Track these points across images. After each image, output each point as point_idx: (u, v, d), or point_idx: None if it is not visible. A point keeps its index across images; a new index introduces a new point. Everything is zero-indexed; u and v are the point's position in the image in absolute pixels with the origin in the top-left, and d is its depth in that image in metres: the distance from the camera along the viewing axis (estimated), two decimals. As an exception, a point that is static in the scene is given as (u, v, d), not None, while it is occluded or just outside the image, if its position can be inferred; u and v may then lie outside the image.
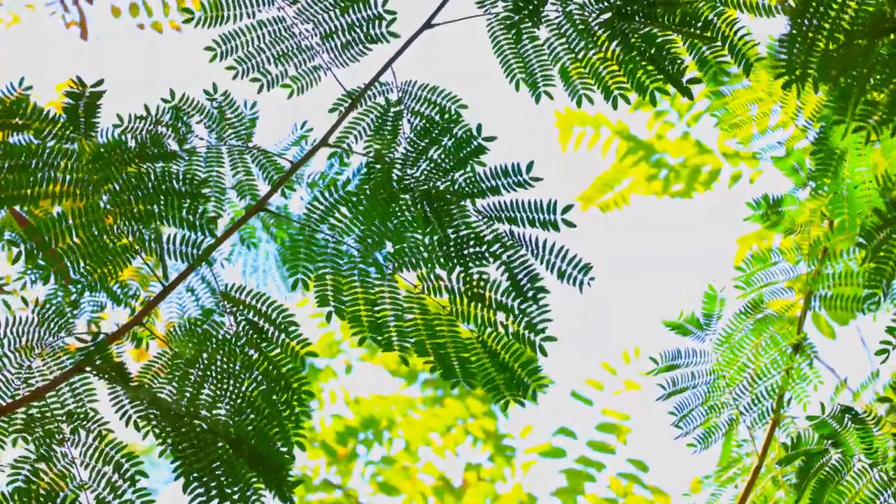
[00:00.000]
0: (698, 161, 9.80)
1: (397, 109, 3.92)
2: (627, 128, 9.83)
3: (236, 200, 4.02)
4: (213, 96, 4.00)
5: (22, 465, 3.62)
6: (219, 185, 3.97)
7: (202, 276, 3.97)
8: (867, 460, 4.36)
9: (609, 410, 9.89)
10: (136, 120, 3.81)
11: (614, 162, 9.82)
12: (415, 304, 3.74)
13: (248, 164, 4.00)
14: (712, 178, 9.79)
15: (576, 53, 3.91)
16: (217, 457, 3.53)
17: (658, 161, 9.80)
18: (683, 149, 9.79)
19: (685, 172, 9.78)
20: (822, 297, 4.84)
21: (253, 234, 4.62)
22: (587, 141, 9.80)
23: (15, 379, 3.68)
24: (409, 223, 3.74)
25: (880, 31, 3.68)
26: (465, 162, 3.74)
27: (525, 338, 3.70)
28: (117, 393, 3.65)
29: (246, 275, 4.56)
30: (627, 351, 9.54)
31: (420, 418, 10.46)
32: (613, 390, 9.82)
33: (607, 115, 9.86)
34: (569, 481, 9.84)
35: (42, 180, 3.62)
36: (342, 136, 3.92)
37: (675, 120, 9.63)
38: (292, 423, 3.70)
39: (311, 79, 3.90)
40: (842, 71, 3.70)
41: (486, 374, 3.74)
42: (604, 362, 9.71)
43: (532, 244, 3.68)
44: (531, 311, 3.68)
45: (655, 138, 9.77)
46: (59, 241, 3.62)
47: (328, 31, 3.88)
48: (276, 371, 3.72)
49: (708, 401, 4.78)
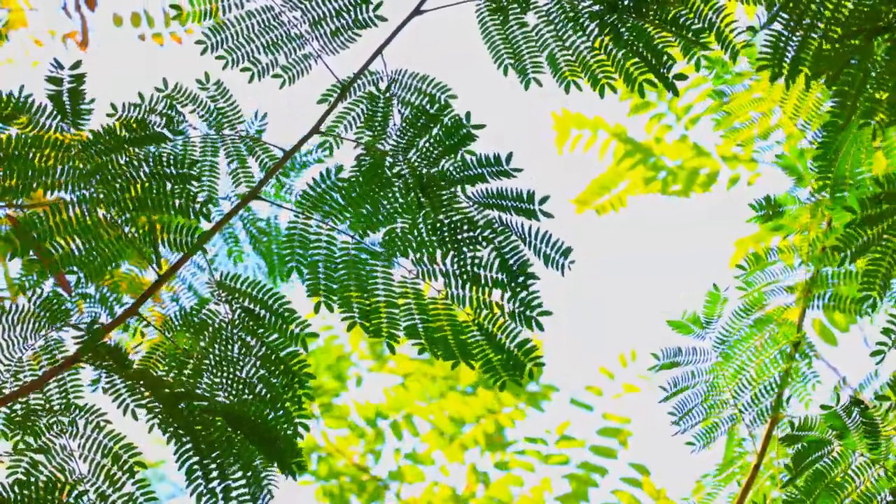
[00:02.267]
0: (696, 164, 9.81)
1: (387, 98, 3.94)
2: (625, 131, 9.84)
3: (230, 189, 4.03)
4: (206, 86, 4.02)
5: (21, 458, 3.62)
6: (213, 173, 3.98)
7: (197, 265, 3.99)
8: (868, 456, 4.35)
9: (610, 415, 9.90)
10: (131, 108, 3.83)
11: (611, 164, 9.83)
12: (409, 289, 3.76)
13: (243, 153, 4.01)
14: (710, 180, 9.79)
15: (564, 41, 3.93)
16: (216, 437, 3.54)
17: (655, 164, 9.81)
18: (681, 152, 9.80)
19: (683, 174, 9.78)
20: (822, 298, 4.84)
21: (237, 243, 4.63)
22: (584, 143, 9.81)
23: (5, 371, 3.69)
24: (402, 209, 3.76)
25: (875, 30, 3.68)
26: (454, 149, 3.77)
27: (520, 315, 3.72)
28: (114, 382, 3.66)
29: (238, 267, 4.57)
30: (624, 354, 9.56)
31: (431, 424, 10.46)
32: (613, 394, 9.83)
33: (605, 118, 9.89)
34: (572, 487, 9.83)
35: (32, 171, 3.63)
36: (333, 125, 3.94)
37: (673, 123, 9.64)
38: (294, 405, 3.71)
39: (302, 67, 3.92)
40: (835, 69, 3.70)
41: (483, 356, 3.76)
42: (601, 367, 9.72)
43: (520, 229, 3.71)
44: (522, 294, 3.70)
45: (653, 141, 9.77)
46: (50, 237, 3.63)
47: (317, 17, 3.90)
48: (274, 356, 3.73)
49: (707, 399, 4.78)
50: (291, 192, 4.21)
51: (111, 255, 3.69)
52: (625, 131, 9.86)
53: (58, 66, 3.70)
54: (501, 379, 3.76)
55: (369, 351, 10.63)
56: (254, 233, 4.33)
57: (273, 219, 4.45)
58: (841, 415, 4.34)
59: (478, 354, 3.75)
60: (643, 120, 9.65)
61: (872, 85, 3.74)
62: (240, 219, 4.34)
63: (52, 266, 3.60)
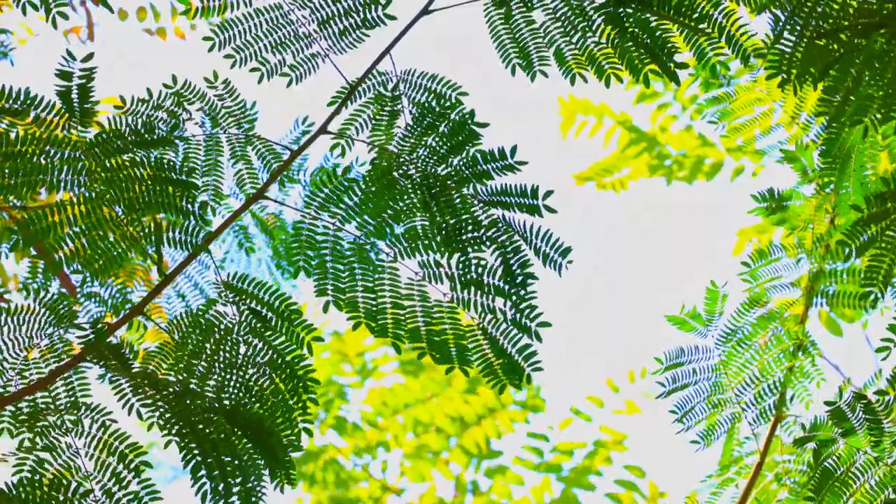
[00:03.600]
0: (701, 153, 9.80)
1: (396, 97, 3.92)
2: (630, 119, 9.83)
3: (236, 189, 4.02)
4: (214, 84, 4.00)
5: (26, 457, 3.62)
6: (217, 174, 3.96)
7: (203, 265, 3.98)
8: (873, 454, 4.34)
9: (606, 428, 9.92)
10: (138, 103, 3.81)
11: (615, 151, 9.83)
12: (415, 292, 3.75)
13: (248, 153, 3.99)
14: (715, 170, 9.79)
15: (570, 36, 3.92)
16: (216, 435, 3.53)
17: (660, 153, 9.80)
18: (686, 141, 9.79)
19: (688, 163, 9.77)
20: (825, 294, 4.84)
21: (248, 238, 4.62)
22: (589, 130, 9.80)
23: (10, 370, 3.68)
24: (409, 209, 3.74)
25: (870, 25, 3.67)
26: (461, 147, 3.76)
27: (521, 324, 3.71)
28: (118, 381, 3.65)
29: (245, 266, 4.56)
30: (633, 371, 9.54)
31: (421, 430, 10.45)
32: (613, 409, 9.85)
33: (611, 105, 9.87)
34: (567, 492, 9.84)
35: (38, 170, 3.61)
36: (344, 127, 3.92)
37: (679, 112, 9.62)
38: (299, 409, 3.70)
39: (310, 66, 3.90)
40: (828, 65, 3.69)
41: (483, 360, 3.75)
42: (608, 379, 9.73)
43: (522, 228, 3.70)
44: (521, 295, 3.69)
45: (658, 130, 9.76)
46: (50, 234, 3.61)
47: (325, 16, 3.88)
48: (280, 359, 3.72)
49: (712, 397, 4.77)
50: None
51: (116, 254, 3.67)
52: (630, 119, 9.85)
53: (70, 59, 3.66)
54: (501, 383, 3.75)
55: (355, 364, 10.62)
56: (264, 220, 4.32)
57: (280, 213, 4.44)
58: (845, 410, 4.34)
59: (478, 358, 3.75)
60: (648, 109, 9.64)
61: (867, 82, 3.75)
62: (249, 212, 4.33)
63: (54, 265, 3.58)
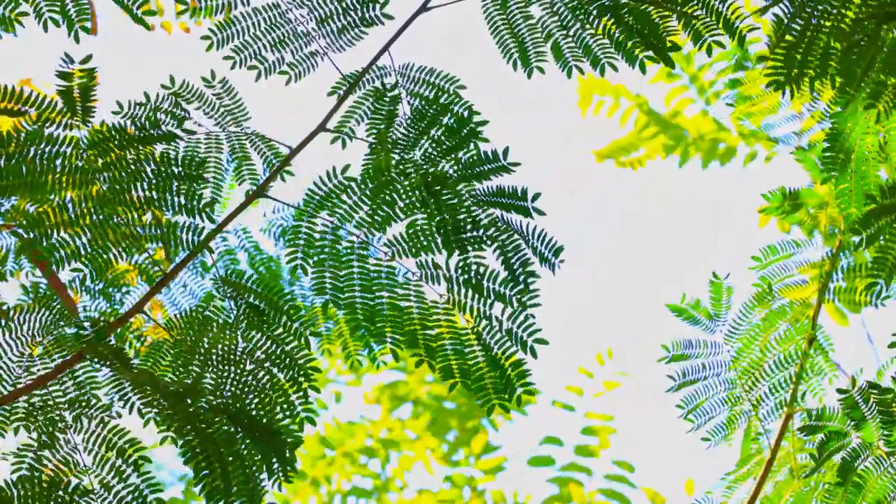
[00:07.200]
0: (715, 137, 9.79)
1: (395, 93, 3.92)
2: (647, 101, 9.81)
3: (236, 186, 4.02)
4: (212, 83, 4.00)
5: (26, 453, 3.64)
6: (218, 171, 3.97)
7: (202, 262, 3.99)
8: (886, 448, 4.34)
9: (592, 413, 9.92)
10: (136, 106, 3.81)
11: (632, 131, 9.83)
12: (412, 293, 3.75)
13: (248, 150, 4.00)
14: (730, 153, 9.77)
15: (567, 30, 3.92)
16: (219, 435, 3.54)
17: (676, 135, 9.78)
18: (702, 125, 9.77)
19: (703, 145, 9.76)
20: (836, 286, 4.82)
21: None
22: (606, 110, 9.79)
23: (16, 367, 3.70)
24: (407, 208, 3.74)
25: (886, 15, 3.66)
26: (460, 145, 3.76)
27: (517, 337, 3.70)
28: (119, 380, 3.66)
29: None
30: (601, 354, 9.57)
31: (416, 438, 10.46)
32: (593, 393, 9.85)
33: (628, 87, 9.86)
34: (559, 488, 9.85)
35: (41, 168, 3.62)
36: (342, 122, 3.93)
37: (695, 96, 9.60)
38: (301, 398, 3.71)
39: (308, 65, 3.91)
40: (846, 49, 3.68)
41: (477, 370, 3.73)
42: (580, 367, 9.74)
43: (519, 227, 3.70)
44: (522, 301, 3.69)
45: (673, 113, 9.75)
46: (49, 237, 3.62)
47: (323, 15, 3.89)
48: (279, 349, 3.72)
49: (731, 394, 4.74)
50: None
51: (118, 253, 3.69)
52: (646, 102, 9.83)
53: (68, 61, 3.67)
54: (491, 401, 3.74)
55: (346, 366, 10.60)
56: (250, 250, 4.33)
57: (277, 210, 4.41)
58: (858, 400, 4.33)
59: (473, 369, 3.73)
60: (664, 92, 9.62)
61: (880, 69, 3.75)
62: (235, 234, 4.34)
63: (46, 269, 3.59)
